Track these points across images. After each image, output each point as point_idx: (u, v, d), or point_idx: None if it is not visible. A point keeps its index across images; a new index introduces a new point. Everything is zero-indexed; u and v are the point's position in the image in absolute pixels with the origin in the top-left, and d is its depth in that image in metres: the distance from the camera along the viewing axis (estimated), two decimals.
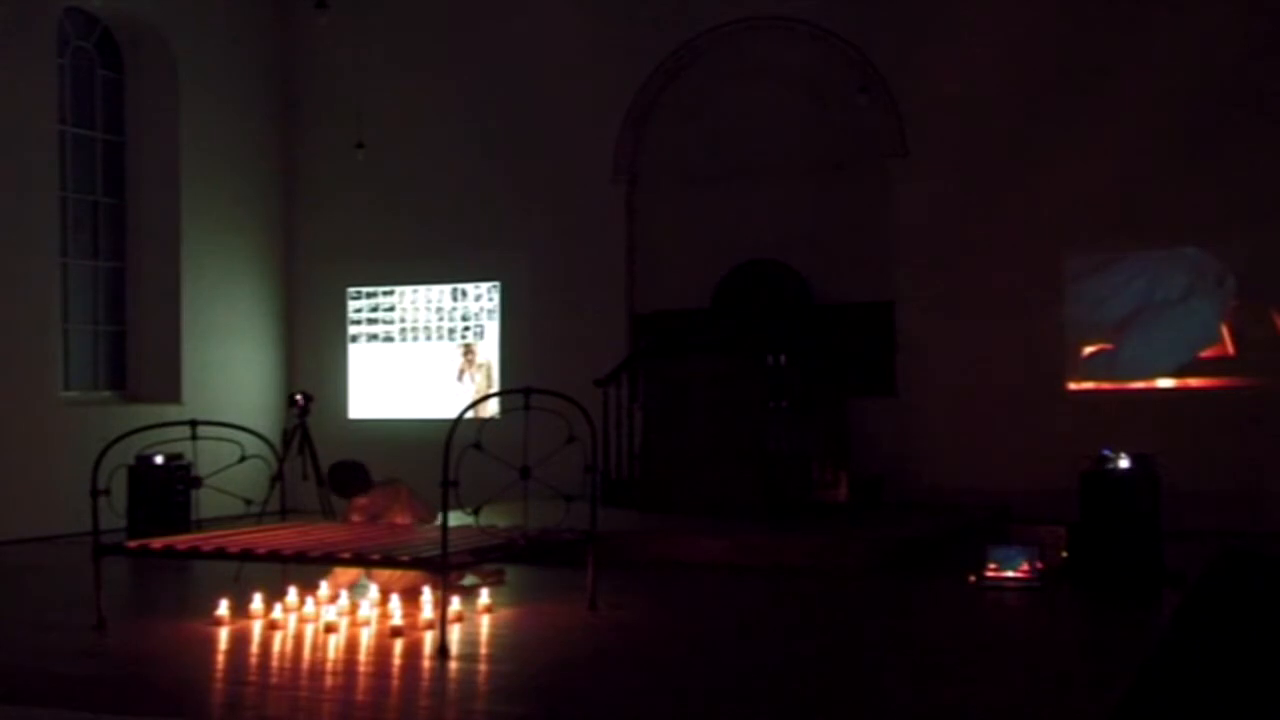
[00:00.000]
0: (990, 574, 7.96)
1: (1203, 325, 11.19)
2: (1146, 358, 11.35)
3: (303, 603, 6.97)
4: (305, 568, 6.99)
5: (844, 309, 12.27)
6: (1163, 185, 11.21)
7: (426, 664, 5.87)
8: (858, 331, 12.18)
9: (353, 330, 14.33)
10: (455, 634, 6.27)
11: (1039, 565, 7.93)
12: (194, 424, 7.70)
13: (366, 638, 6.44)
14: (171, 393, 12.99)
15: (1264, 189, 10.97)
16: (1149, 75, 11.30)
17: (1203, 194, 11.10)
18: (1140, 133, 11.28)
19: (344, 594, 7.21)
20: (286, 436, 11.58)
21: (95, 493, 6.78)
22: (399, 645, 6.25)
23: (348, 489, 7.93)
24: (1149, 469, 7.92)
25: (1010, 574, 7.94)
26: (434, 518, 8.06)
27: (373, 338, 14.24)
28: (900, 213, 12.09)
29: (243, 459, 7.63)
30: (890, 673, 5.79)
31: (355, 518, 7.93)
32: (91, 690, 5.54)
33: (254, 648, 6.33)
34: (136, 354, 13.26)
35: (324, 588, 7.23)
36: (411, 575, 7.24)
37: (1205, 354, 11.17)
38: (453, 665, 5.83)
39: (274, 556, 6.62)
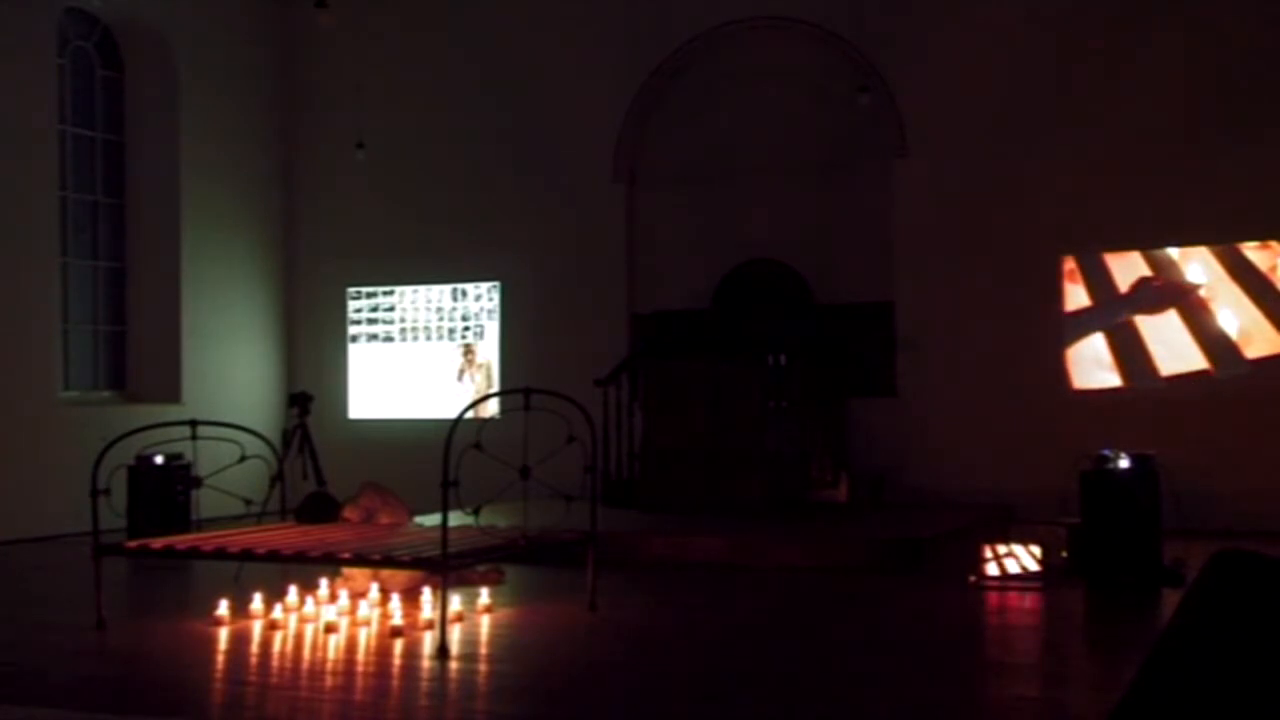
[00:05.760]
0: (990, 574, 7.96)
1: (1204, 325, 11.20)
2: (1146, 357, 11.37)
3: (303, 603, 6.97)
4: (305, 568, 7.00)
5: (844, 309, 12.28)
6: (1163, 185, 11.21)
7: (426, 664, 5.87)
8: (858, 331, 12.18)
9: (353, 330, 14.33)
10: (455, 634, 6.27)
11: (1039, 565, 7.93)
12: (194, 424, 7.70)
13: (366, 638, 6.44)
14: (171, 393, 12.99)
15: (1265, 188, 10.98)
16: (1150, 74, 11.31)
17: (1204, 193, 11.10)
18: (1141, 132, 11.29)
19: (343, 594, 7.22)
20: (286, 436, 11.59)
21: (95, 493, 6.78)
22: (399, 645, 6.25)
23: (318, 519, 8.16)
24: (1149, 469, 7.92)
25: (1010, 574, 7.94)
26: (412, 517, 8.18)
27: (373, 338, 14.24)
28: (900, 213, 12.09)
29: (243, 459, 7.63)
30: (890, 672, 5.79)
31: (352, 519, 7.95)
32: (91, 690, 5.54)
33: (254, 648, 6.33)
34: (136, 354, 13.26)
35: (324, 587, 7.24)
36: (411, 574, 7.25)
37: (1210, 356, 11.18)
38: (453, 665, 5.83)
39: (274, 556, 6.62)
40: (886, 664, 5.98)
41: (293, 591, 7.06)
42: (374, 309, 14.24)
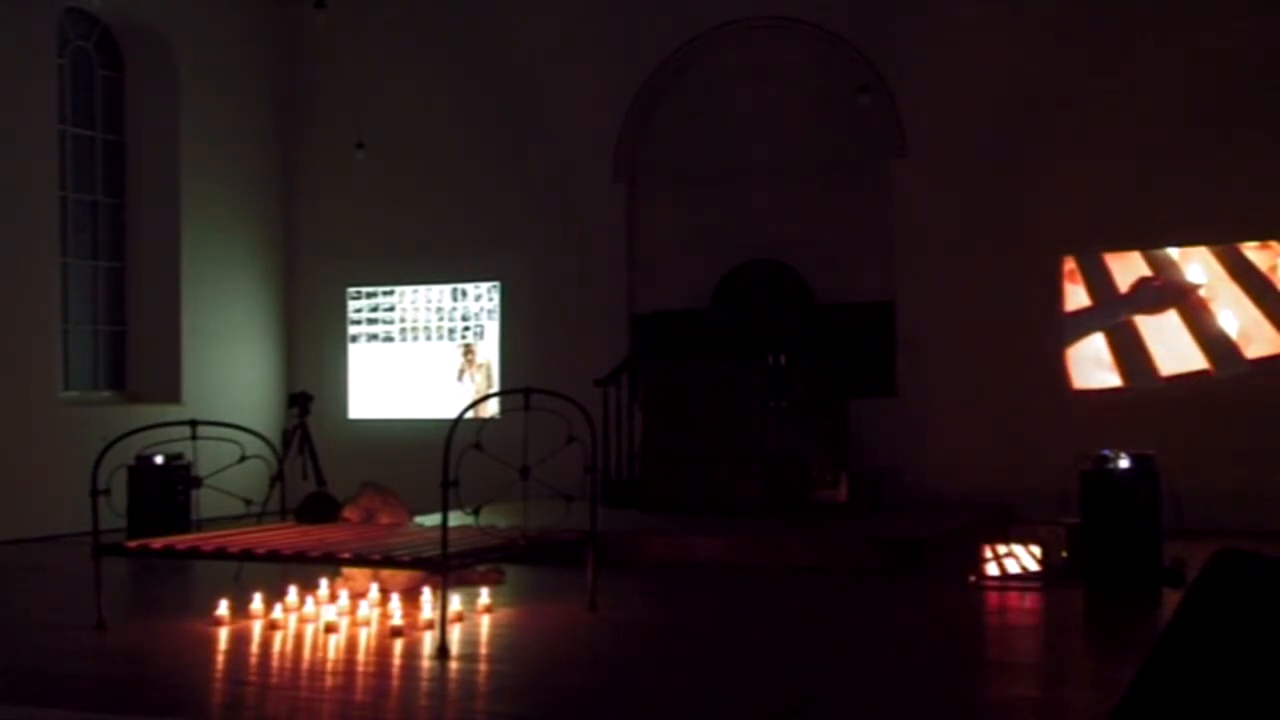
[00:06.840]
0: (990, 574, 7.96)
1: (1204, 325, 11.20)
2: (1146, 357, 11.37)
3: (303, 603, 6.98)
4: (305, 568, 7.00)
5: (844, 309, 12.27)
6: (1163, 185, 11.22)
7: (426, 664, 5.87)
8: (858, 331, 12.17)
9: (353, 330, 14.33)
10: (455, 634, 6.27)
11: (1039, 565, 7.93)
12: (194, 424, 7.70)
13: (366, 638, 6.44)
14: (171, 393, 12.99)
15: (1265, 188, 10.98)
16: (1149, 74, 11.31)
17: (1204, 193, 11.10)
18: (1141, 132, 11.29)
19: (343, 594, 7.22)
20: (286, 436, 11.59)
21: (95, 493, 6.78)
22: (399, 645, 6.25)
23: (318, 519, 8.18)
24: (1149, 469, 7.92)
25: (1010, 574, 7.94)
26: (412, 517, 8.18)
27: (373, 338, 14.24)
28: (900, 213, 12.09)
29: (243, 459, 7.63)
30: (890, 672, 5.79)
31: (352, 519, 7.96)
32: (91, 690, 5.54)
33: (254, 648, 6.33)
34: (136, 354, 13.26)
35: (324, 587, 7.24)
36: (411, 574, 7.25)
37: (1210, 356, 11.17)
38: (453, 665, 5.83)
39: (274, 556, 6.62)
40: (886, 664, 5.98)
41: (293, 591, 7.06)
42: (374, 309, 14.24)
